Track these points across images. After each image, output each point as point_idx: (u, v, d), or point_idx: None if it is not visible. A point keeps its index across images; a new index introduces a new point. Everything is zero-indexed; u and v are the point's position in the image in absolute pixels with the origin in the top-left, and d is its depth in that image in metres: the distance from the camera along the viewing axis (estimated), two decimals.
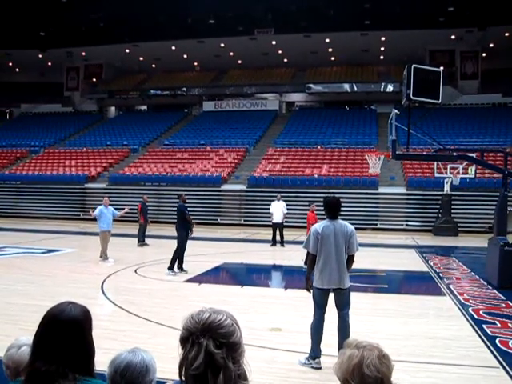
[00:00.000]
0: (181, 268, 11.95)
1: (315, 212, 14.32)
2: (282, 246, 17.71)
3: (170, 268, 11.84)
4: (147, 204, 18.39)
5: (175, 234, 12.26)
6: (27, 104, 43.41)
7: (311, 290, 5.94)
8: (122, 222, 22.56)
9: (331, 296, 5.90)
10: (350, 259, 5.93)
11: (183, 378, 1.53)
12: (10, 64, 43.62)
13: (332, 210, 5.98)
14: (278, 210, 17.91)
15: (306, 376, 5.40)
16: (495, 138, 29.80)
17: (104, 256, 13.69)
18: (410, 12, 32.21)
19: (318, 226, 5.92)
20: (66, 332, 1.77)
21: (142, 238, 17.39)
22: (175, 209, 12.59)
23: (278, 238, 17.82)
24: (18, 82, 43.83)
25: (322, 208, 6.10)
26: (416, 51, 35.32)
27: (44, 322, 1.82)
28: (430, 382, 5.32)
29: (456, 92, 35.21)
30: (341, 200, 6.21)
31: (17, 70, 44.52)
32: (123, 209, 15.11)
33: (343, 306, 5.84)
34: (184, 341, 1.53)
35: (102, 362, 2.00)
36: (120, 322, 7.38)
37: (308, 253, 6.06)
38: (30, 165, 32.95)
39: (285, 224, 18.16)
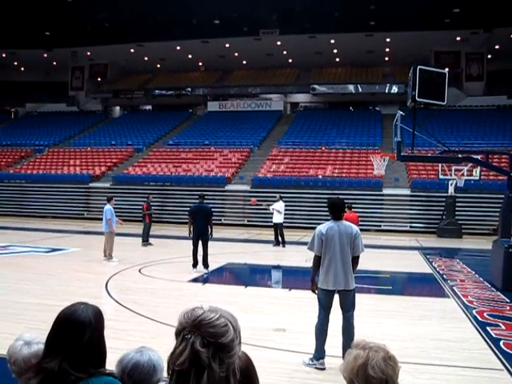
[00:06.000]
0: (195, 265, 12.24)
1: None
2: (283, 246, 17.68)
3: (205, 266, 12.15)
4: (151, 204, 18.41)
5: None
6: (32, 103, 43.57)
7: (316, 292, 5.95)
8: (125, 222, 22.62)
9: (336, 297, 5.90)
10: (355, 260, 5.93)
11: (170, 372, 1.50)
12: (15, 63, 43.71)
13: (336, 210, 5.98)
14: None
15: (309, 376, 5.41)
16: (500, 140, 29.70)
17: (109, 256, 13.75)
18: (415, 13, 32.12)
19: (323, 227, 5.90)
20: (77, 332, 1.81)
21: (146, 238, 17.41)
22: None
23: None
24: (23, 81, 43.92)
25: (327, 209, 6.11)
26: (421, 52, 35.19)
27: (57, 322, 1.87)
28: None
29: (461, 93, 35.12)
30: (345, 201, 6.21)
31: (22, 69, 44.61)
32: (127, 208, 15.19)
33: (348, 308, 5.84)
34: (177, 335, 1.52)
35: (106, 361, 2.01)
36: (124, 322, 7.39)
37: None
38: (35, 164, 33.02)
39: (288, 225, 18.08)
